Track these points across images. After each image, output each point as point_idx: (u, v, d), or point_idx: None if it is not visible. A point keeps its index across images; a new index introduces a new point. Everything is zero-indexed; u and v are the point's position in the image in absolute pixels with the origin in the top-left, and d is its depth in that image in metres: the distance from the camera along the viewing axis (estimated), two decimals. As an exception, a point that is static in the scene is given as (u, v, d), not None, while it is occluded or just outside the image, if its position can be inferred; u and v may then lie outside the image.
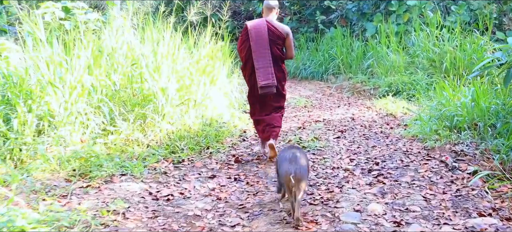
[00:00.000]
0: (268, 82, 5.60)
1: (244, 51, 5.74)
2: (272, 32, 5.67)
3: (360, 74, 12.43)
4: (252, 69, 5.71)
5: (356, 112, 8.97)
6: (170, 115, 6.49)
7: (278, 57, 5.73)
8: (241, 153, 6.14)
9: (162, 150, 5.88)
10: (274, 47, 5.67)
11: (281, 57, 5.78)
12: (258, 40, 5.60)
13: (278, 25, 5.76)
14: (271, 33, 5.66)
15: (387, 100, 9.50)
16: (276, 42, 5.69)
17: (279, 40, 5.72)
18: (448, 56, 10.58)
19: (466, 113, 6.62)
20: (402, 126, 7.66)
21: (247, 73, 5.85)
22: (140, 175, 5.11)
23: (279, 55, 5.73)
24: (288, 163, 3.98)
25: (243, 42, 5.76)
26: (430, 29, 11.66)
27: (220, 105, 7.54)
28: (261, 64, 5.59)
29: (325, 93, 11.73)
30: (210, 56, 7.93)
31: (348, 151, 6.14)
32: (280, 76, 5.77)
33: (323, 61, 14.01)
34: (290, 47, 5.80)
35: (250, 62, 5.70)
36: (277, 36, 5.69)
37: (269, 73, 5.60)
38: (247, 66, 5.79)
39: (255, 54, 5.61)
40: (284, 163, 4.02)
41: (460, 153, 5.77)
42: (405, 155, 5.90)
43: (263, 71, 5.60)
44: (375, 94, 10.83)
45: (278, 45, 5.72)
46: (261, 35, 5.60)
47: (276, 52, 5.70)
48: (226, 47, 9.00)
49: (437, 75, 10.64)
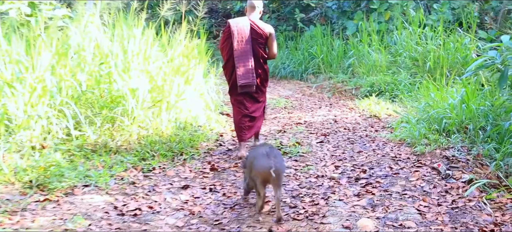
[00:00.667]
0: (247, 81, 5.56)
1: (226, 49, 5.68)
2: (255, 31, 5.61)
3: (341, 73, 12.03)
4: (233, 68, 5.64)
5: (339, 113, 8.55)
6: (141, 118, 5.97)
7: (260, 56, 5.67)
8: (217, 159, 5.64)
9: (131, 156, 5.37)
10: (257, 46, 5.63)
11: (264, 56, 5.73)
12: (240, 38, 5.56)
13: (261, 24, 5.69)
14: (254, 32, 5.61)
15: (370, 101, 9.10)
16: (258, 41, 5.64)
17: (262, 39, 5.67)
18: (431, 55, 10.25)
19: (455, 115, 6.25)
20: (388, 128, 7.26)
21: (228, 71, 5.77)
22: (106, 186, 4.59)
23: (261, 54, 5.68)
24: (266, 158, 3.83)
25: (225, 39, 5.69)
26: (413, 27, 11.32)
27: (195, 107, 7.03)
28: (242, 62, 5.54)
29: (305, 93, 11.29)
30: (185, 55, 7.42)
31: (333, 157, 5.69)
32: (262, 76, 5.76)
33: (302, 60, 13.57)
34: (272, 47, 5.76)
35: (232, 60, 5.63)
36: (260, 35, 5.64)
37: (250, 72, 5.56)
38: (229, 64, 5.72)
39: (237, 52, 5.55)
40: (262, 159, 3.86)
41: (452, 159, 5.39)
42: (393, 161, 5.49)
43: (243, 70, 5.55)
44: (357, 94, 10.43)
45: (261, 44, 5.67)
46: (243, 34, 5.56)
47: (259, 51, 5.65)
48: (202, 45, 8.49)
49: (420, 74, 10.30)
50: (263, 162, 3.82)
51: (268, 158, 3.82)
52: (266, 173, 3.77)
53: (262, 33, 5.65)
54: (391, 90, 9.80)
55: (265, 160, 3.81)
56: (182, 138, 5.98)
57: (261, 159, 3.88)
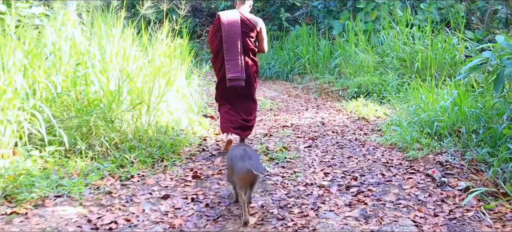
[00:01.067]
0: (237, 75, 5.44)
1: (215, 42, 5.56)
2: (245, 24, 5.51)
3: (327, 74, 11.76)
4: (222, 61, 5.51)
5: (326, 115, 8.27)
6: (119, 122, 5.63)
7: (250, 50, 5.58)
8: (200, 166, 5.32)
9: (109, 163, 5.04)
10: (247, 40, 5.52)
11: (253, 50, 5.63)
12: (230, 31, 5.44)
13: (251, 18, 5.60)
14: (244, 25, 5.50)
15: (358, 103, 8.84)
16: (248, 34, 5.53)
17: (252, 33, 5.57)
18: (419, 55, 10.04)
19: (447, 118, 6.02)
20: (377, 131, 7.01)
21: (218, 65, 5.64)
22: (80, 196, 4.26)
23: (251, 48, 5.58)
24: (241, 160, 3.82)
25: (215, 32, 5.56)
26: (400, 27, 11.10)
27: (177, 109, 6.70)
28: (231, 56, 5.43)
29: (291, 94, 11.00)
30: (167, 55, 7.09)
31: (322, 163, 5.40)
32: (253, 69, 5.65)
33: (288, 60, 13.28)
34: (262, 40, 5.68)
35: (221, 54, 5.51)
36: (250, 28, 5.54)
37: (239, 65, 5.44)
38: (218, 57, 5.59)
39: (226, 45, 5.44)
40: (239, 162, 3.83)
41: (446, 164, 5.13)
42: (385, 167, 5.21)
43: (233, 63, 5.44)
44: (344, 95, 10.18)
45: (251, 37, 5.57)
46: (233, 27, 5.44)
47: (248, 44, 5.54)
48: (185, 45, 8.16)
49: (408, 75, 10.08)
50: (241, 164, 3.77)
51: (244, 160, 3.79)
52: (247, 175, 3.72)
53: (252, 27, 5.54)
54: (378, 91, 9.57)
55: (241, 163, 3.78)
56: (163, 143, 5.66)
57: (237, 162, 3.84)
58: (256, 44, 5.72)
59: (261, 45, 5.74)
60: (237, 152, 3.98)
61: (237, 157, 3.89)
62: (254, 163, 3.78)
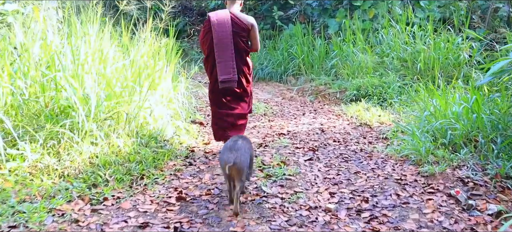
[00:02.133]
0: (228, 77, 5.25)
1: (206, 43, 5.34)
2: (236, 24, 5.29)
3: (323, 75, 11.04)
4: (214, 62, 5.31)
5: (325, 121, 7.55)
6: (94, 133, 4.87)
7: (242, 50, 5.36)
8: (186, 184, 4.56)
9: (79, 182, 4.28)
10: (238, 40, 5.31)
11: (246, 49, 5.42)
12: (221, 32, 5.22)
13: (242, 17, 5.37)
14: (235, 25, 5.28)
15: (358, 107, 8.14)
16: (240, 34, 5.32)
17: (244, 33, 5.35)
18: (422, 56, 9.35)
19: (462, 126, 5.32)
20: (382, 139, 6.30)
21: (209, 67, 5.42)
22: (39, 226, 3.50)
23: (243, 47, 5.37)
24: (227, 152, 3.80)
25: (206, 33, 5.36)
26: (400, 26, 10.41)
27: (162, 116, 5.95)
28: (222, 57, 5.23)
29: (286, 97, 10.28)
30: (151, 56, 6.34)
31: (326, 181, 4.65)
32: (245, 69, 5.43)
33: (282, 60, 12.56)
34: (255, 39, 5.45)
35: (212, 55, 5.31)
36: (242, 28, 5.32)
37: (230, 67, 5.25)
38: (209, 59, 5.38)
39: (217, 46, 5.23)
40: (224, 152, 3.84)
41: (468, 181, 4.42)
42: (399, 185, 4.49)
43: (224, 64, 5.24)
44: (342, 98, 9.47)
45: (243, 37, 5.36)
46: (224, 27, 5.23)
47: (240, 45, 5.33)
48: (171, 44, 7.41)
49: (409, 76, 9.40)
50: (224, 156, 3.77)
51: (230, 152, 3.76)
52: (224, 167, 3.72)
53: (244, 26, 5.32)
54: (379, 94, 8.88)
55: (225, 154, 3.77)
56: (144, 156, 4.90)
57: (223, 152, 3.84)
58: (249, 44, 5.49)
59: (253, 44, 5.50)
60: (228, 143, 3.97)
61: (226, 148, 3.89)
62: (238, 157, 3.72)
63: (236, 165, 3.68)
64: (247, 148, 3.93)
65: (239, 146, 3.84)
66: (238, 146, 3.84)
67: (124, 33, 6.35)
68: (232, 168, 3.68)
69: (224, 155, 3.79)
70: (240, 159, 3.72)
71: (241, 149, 3.81)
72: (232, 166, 3.66)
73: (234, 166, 3.67)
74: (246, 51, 5.43)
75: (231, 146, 3.84)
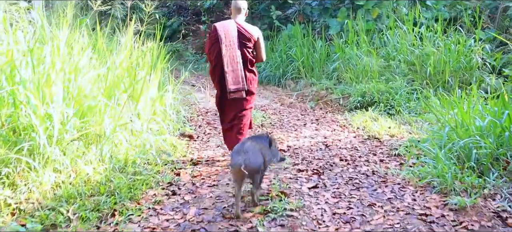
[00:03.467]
0: (238, 87, 5.15)
1: (214, 54, 5.20)
2: (243, 34, 5.19)
3: (324, 79, 10.20)
4: (221, 73, 5.19)
5: (329, 133, 6.70)
6: (58, 158, 4.03)
7: (248, 61, 5.26)
8: (166, 222, 3.70)
9: (35, 222, 3.44)
10: (245, 50, 5.21)
11: (252, 60, 5.31)
12: (228, 42, 5.13)
13: (248, 27, 5.27)
14: (241, 36, 5.19)
15: (365, 116, 7.30)
16: (246, 45, 5.22)
17: (250, 43, 5.25)
18: (431, 59, 8.52)
19: (489, 144, 4.50)
20: (394, 156, 5.47)
21: (216, 77, 5.28)
22: None
23: (249, 58, 5.27)
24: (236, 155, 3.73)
25: (212, 44, 5.22)
26: (407, 27, 9.57)
27: (142, 133, 5.10)
28: (231, 67, 5.13)
29: (285, 103, 9.44)
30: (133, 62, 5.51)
31: (336, 218, 3.76)
32: (251, 79, 5.32)
33: (280, 63, 11.70)
34: (260, 50, 5.36)
35: (220, 66, 5.18)
36: (248, 38, 5.22)
37: (239, 76, 5.16)
38: (216, 69, 5.24)
39: (225, 57, 5.12)
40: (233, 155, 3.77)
41: (506, 217, 3.60)
42: (424, 223, 3.63)
43: (233, 75, 5.15)
44: (345, 105, 8.64)
45: (249, 48, 5.26)
46: (231, 38, 5.14)
47: (247, 55, 5.23)
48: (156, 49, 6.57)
49: (418, 81, 8.57)
50: (233, 160, 3.68)
51: (238, 154, 3.67)
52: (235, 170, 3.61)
53: (250, 37, 5.21)
54: (385, 101, 8.04)
55: (234, 158, 3.68)
56: (118, 186, 4.05)
57: (233, 156, 3.76)
58: (254, 54, 5.37)
59: (258, 54, 5.39)
60: (237, 146, 3.90)
61: (234, 152, 3.81)
62: (247, 158, 3.63)
63: (247, 167, 3.56)
64: (257, 149, 3.84)
65: (247, 148, 3.76)
66: (246, 147, 3.76)
67: (100, 37, 5.45)
68: (242, 171, 3.53)
69: (233, 159, 3.71)
70: (250, 160, 3.63)
71: (250, 151, 3.73)
72: (244, 168, 3.53)
73: (245, 169, 3.53)
74: (251, 62, 5.31)
75: (239, 149, 3.76)
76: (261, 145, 3.97)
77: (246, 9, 5.41)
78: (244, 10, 5.36)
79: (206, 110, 8.51)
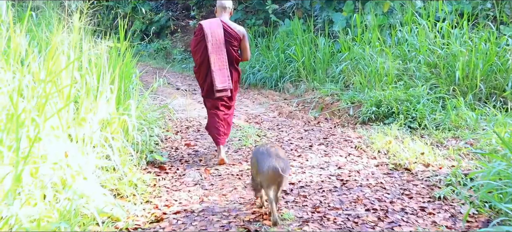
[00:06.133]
0: (224, 85, 5.08)
1: (199, 52, 5.09)
2: (228, 33, 5.11)
3: (329, 83, 8.50)
4: (207, 71, 5.10)
5: (343, 161, 4.98)
6: None
7: (233, 59, 5.20)
8: None
9: None
10: (230, 48, 5.13)
11: (237, 58, 5.25)
12: (214, 41, 5.03)
13: (234, 26, 5.19)
14: (227, 34, 5.11)
15: (387, 136, 5.62)
16: (232, 43, 5.14)
17: (235, 42, 5.16)
18: (460, 61, 6.85)
19: None
20: (438, 200, 3.81)
21: (202, 75, 5.16)
22: None
23: (235, 56, 5.20)
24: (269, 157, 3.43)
25: (198, 42, 5.10)
26: (426, 22, 7.89)
27: (74, 177, 3.37)
28: (217, 66, 5.06)
29: (283, 112, 7.75)
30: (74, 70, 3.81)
31: None
32: (236, 78, 5.29)
33: (277, 63, 9.97)
34: (246, 49, 5.27)
35: (205, 64, 5.08)
36: (234, 37, 5.14)
37: (226, 75, 5.09)
38: (202, 68, 5.12)
39: (212, 56, 5.03)
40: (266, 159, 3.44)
41: None
42: None
43: (220, 73, 5.06)
44: (356, 116, 6.97)
45: (234, 46, 5.17)
46: (217, 36, 5.05)
47: (232, 53, 5.16)
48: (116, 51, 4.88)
49: (443, 88, 6.91)
50: (271, 163, 3.39)
51: (271, 157, 3.43)
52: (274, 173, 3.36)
53: (235, 35, 5.16)
54: (406, 111, 6.39)
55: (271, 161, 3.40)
56: None
57: (266, 159, 3.45)
58: (239, 53, 5.30)
59: (244, 53, 5.31)
60: (268, 149, 3.56)
61: (266, 155, 3.49)
62: (282, 162, 3.41)
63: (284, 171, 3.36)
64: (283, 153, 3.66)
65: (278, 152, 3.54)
66: (277, 151, 3.54)
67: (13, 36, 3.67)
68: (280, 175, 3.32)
69: (268, 162, 3.40)
70: (284, 164, 3.44)
71: (280, 154, 3.52)
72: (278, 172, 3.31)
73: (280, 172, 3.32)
74: (237, 60, 5.26)
75: (269, 152, 3.50)
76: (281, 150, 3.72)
77: (231, 8, 5.30)
78: (229, 9, 5.26)
79: (188, 123, 6.80)
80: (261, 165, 3.46)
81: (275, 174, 3.34)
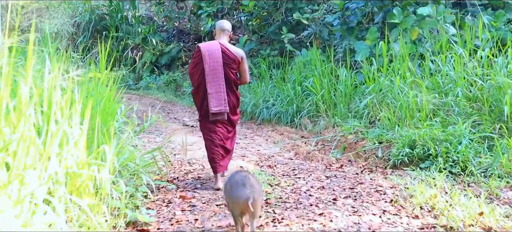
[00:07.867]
0: (220, 109, 4.91)
1: (197, 74, 5.00)
2: (227, 55, 4.98)
3: (352, 119, 7.42)
4: (204, 94, 4.95)
5: (377, 222, 3.83)
6: None
7: (232, 82, 5.04)
8: None
9: None
10: (229, 71, 4.99)
11: (236, 81, 5.09)
12: (212, 63, 4.93)
13: (232, 48, 5.06)
14: (225, 56, 4.97)
15: (429, 188, 4.50)
16: (230, 65, 5.00)
17: (234, 64, 5.03)
18: (509, 94, 5.76)
19: None
20: None
21: (199, 98, 5.04)
22: None
23: (233, 79, 5.05)
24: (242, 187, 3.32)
25: (196, 64, 5.02)
26: (464, 51, 6.83)
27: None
28: (214, 89, 4.91)
29: (300, 152, 6.69)
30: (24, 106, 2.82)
31: None
32: (234, 102, 5.11)
33: (293, 96, 8.92)
34: (244, 72, 5.15)
35: (203, 86, 4.95)
36: (232, 60, 5.00)
37: (222, 98, 4.92)
38: (200, 90, 5.01)
39: (208, 78, 4.91)
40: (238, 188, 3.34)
41: None
42: None
43: (216, 96, 4.91)
44: (386, 158, 5.88)
45: (233, 69, 5.04)
46: (215, 58, 4.93)
47: (231, 76, 5.02)
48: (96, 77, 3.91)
49: (488, 125, 5.82)
50: (240, 192, 3.31)
51: (245, 187, 3.32)
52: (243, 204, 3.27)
53: (234, 58, 4.98)
54: (445, 154, 5.29)
55: (241, 190, 3.31)
56: None
57: (238, 189, 3.35)
58: (237, 76, 5.12)
59: (242, 76, 5.15)
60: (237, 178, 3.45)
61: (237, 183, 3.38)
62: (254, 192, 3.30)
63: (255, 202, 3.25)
64: (257, 181, 3.50)
65: (251, 181, 3.39)
66: (251, 181, 3.38)
67: None
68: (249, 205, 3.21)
69: (239, 191, 3.30)
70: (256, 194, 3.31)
71: (254, 184, 3.38)
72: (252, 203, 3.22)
73: (254, 203, 3.24)
74: (235, 83, 5.09)
75: (242, 181, 3.36)
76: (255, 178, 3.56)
77: (230, 31, 5.19)
78: (228, 32, 5.15)
79: (189, 167, 5.77)
80: (234, 194, 3.35)
81: (247, 204, 3.23)
